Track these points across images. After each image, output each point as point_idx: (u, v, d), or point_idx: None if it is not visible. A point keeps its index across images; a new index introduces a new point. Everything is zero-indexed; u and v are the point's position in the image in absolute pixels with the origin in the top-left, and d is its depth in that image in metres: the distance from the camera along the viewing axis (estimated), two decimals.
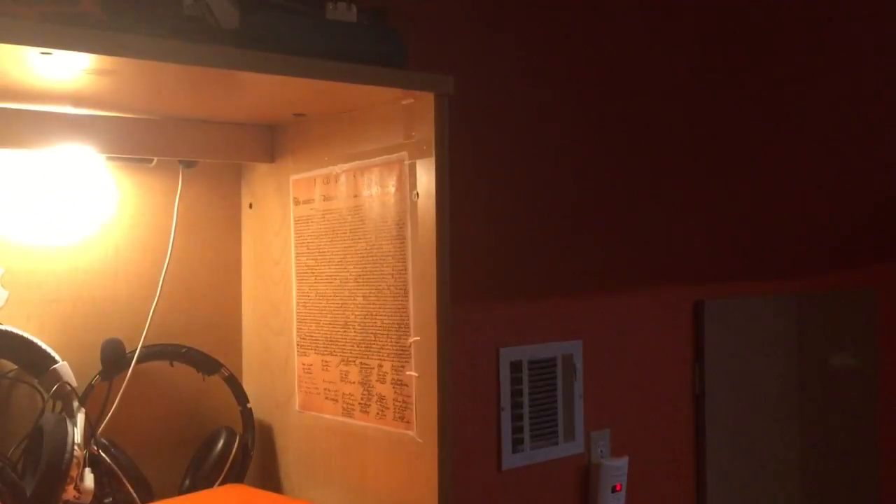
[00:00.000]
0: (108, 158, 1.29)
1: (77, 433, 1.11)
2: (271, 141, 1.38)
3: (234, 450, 1.30)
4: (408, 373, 1.16)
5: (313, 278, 1.30)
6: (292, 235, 1.34)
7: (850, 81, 2.52)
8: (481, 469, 1.73)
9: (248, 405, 1.36)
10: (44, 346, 1.17)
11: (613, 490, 1.90)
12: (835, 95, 2.49)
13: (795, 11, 2.38)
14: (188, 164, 1.36)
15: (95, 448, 1.19)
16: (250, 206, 1.43)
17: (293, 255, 1.34)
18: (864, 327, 2.58)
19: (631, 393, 1.99)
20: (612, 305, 1.96)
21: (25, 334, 1.17)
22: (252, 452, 1.34)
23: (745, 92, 2.26)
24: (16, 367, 1.19)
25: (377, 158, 1.19)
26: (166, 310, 1.35)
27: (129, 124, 1.25)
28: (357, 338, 1.23)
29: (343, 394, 1.26)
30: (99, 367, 1.25)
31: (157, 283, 1.34)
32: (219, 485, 1.29)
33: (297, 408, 1.34)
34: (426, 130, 1.12)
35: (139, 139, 1.26)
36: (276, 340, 1.38)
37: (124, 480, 1.21)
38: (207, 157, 1.34)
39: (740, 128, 2.26)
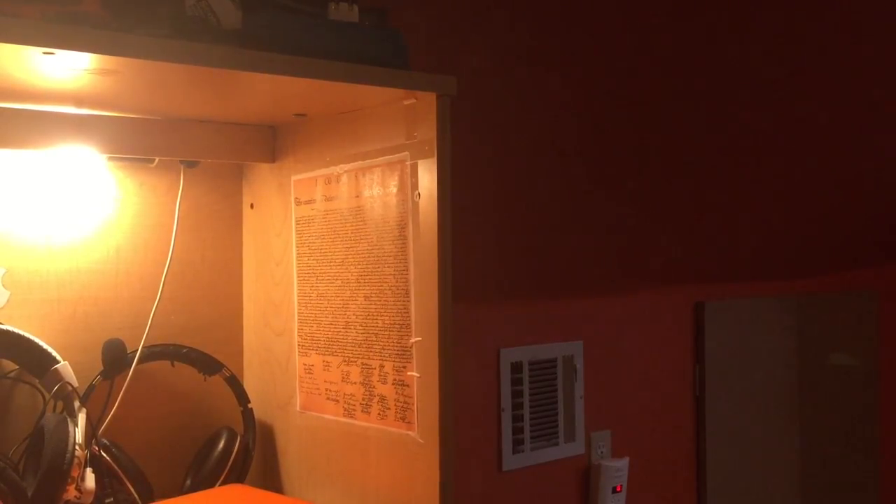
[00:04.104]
0: (110, 158, 1.29)
1: (78, 433, 1.11)
2: (273, 141, 1.38)
3: (235, 450, 1.30)
4: (409, 373, 1.16)
5: (314, 279, 1.30)
6: (293, 236, 1.34)
7: (852, 83, 2.52)
8: (482, 470, 1.73)
9: (249, 405, 1.36)
10: (45, 346, 1.17)
11: (614, 491, 1.90)
12: (836, 96, 2.49)
13: (800, 14, 2.38)
14: (190, 164, 1.36)
15: (97, 448, 1.19)
16: (252, 206, 1.43)
17: (294, 256, 1.34)
18: (864, 328, 2.58)
19: (631, 394, 1.99)
20: (613, 306, 1.96)
21: (26, 334, 1.17)
22: (253, 453, 1.34)
23: (747, 94, 2.26)
24: (17, 367, 1.19)
25: (379, 159, 1.19)
26: (167, 310, 1.35)
27: (131, 124, 1.25)
28: (358, 338, 1.23)
29: (344, 394, 1.26)
30: (100, 367, 1.25)
31: (159, 283, 1.34)
32: (220, 485, 1.29)
33: (298, 408, 1.34)
34: (428, 131, 1.12)
35: (141, 139, 1.26)
36: (277, 341, 1.38)
37: (125, 480, 1.21)
38: (209, 157, 1.34)
39: (741, 129, 2.26)
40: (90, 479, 1.12)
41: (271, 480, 1.38)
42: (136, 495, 1.22)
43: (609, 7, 1.95)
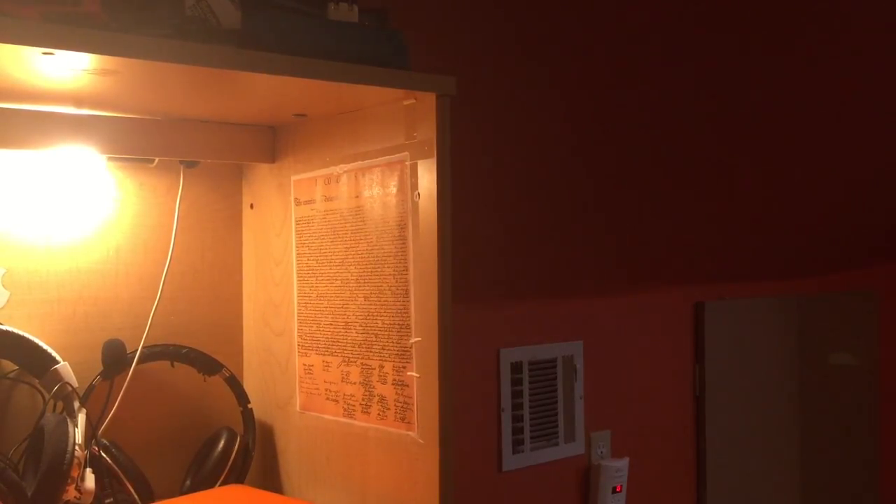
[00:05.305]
0: (110, 159, 1.29)
1: (78, 433, 1.11)
2: (272, 141, 1.38)
3: (234, 450, 1.30)
4: (409, 373, 1.16)
5: (314, 279, 1.30)
6: (293, 236, 1.34)
7: (852, 83, 2.52)
8: (482, 470, 1.73)
9: (249, 406, 1.36)
10: (45, 346, 1.17)
11: (614, 491, 1.90)
12: (836, 97, 2.49)
13: (800, 15, 2.38)
14: (189, 165, 1.36)
15: (96, 448, 1.19)
16: (251, 206, 1.43)
17: (294, 256, 1.34)
18: (864, 327, 2.58)
19: (631, 394, 1.99)
20: (613, 306, 1.96)
21: (26, 334, 1.17)
22: (253, 453, 1.34)
23: (746, 93, 2.26)
24: (17, 367, 1.19)
25: (379, 159, 1.19)
26: (167, 310, 1.35)
27: (131, 124, 1.25)
28: (358, 338, 1.23)
29: (344, 394, 1.26)
30: (100, 367, 1.25)
31: (159, 283, 1.34)
32: (219, 485, 1.29)
33: (297, 408, 1.34)
34: (428, 131, 1.12)
35: (140, 139, 1.26)
36: (277, 341, 1.38)
37: (125, 481, 1.21)
38: (209, 157, 1.34)
39: (741, 129, 2.26)
40: (90, 480, 1.12)
41: (271, 480, 1.38)
42: (135, 495, 1.22)
43: (610, 7, 1.95)
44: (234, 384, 1.35)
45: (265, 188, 1.40)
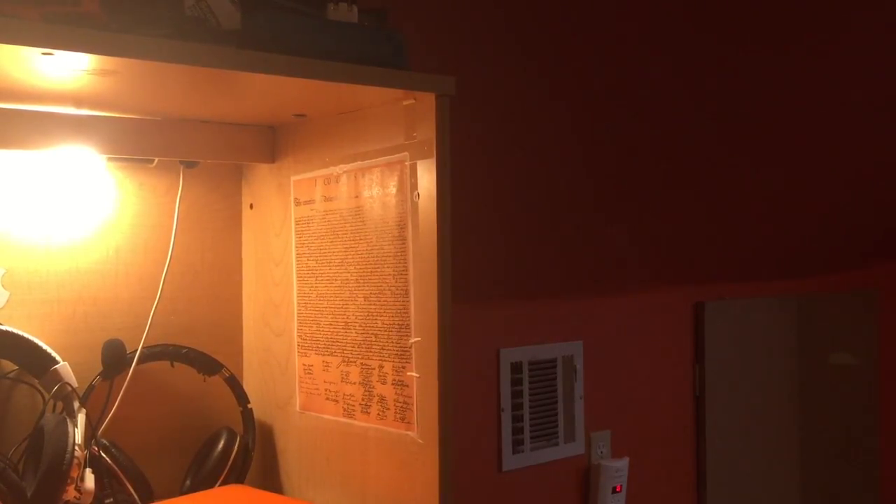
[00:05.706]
0: (110, 159, 1.29)
1: (78, 434, 1.11)
2: (272, 141, 1.39)
3: (234, 450, 1.30)
4: (409, 373, 1.16)
5: (314, 279, 1.30)
6: (293, 236, 1.34)
7: (852, 83, 2.52)
8: (482, 470, 1.73)
9: (249, 406, 1.36)
10: (44, 346, 1.17)
11: (614, 491, 1.90)
12: (837, 96, 2.49)
13: (800, 15, 2.38)
14: (189, 165, 1.36)
15: (96, 448, 1.19)
16: (251, 206, 1.43)
17: (294, 256, 1.34)
18: (864, 327, 2.58)
19: (631, 394, 1.99)
20: (613, 306, 1.96)
21: (26, 335, 1.17)
22: (253, 453, 1.34)
23: (746, 93, 2.26)
24: (16, 367, 1.19)
25: (378, 159, 1.19)
26: (167, 310, 1.35)
27: (131, 125, 1.25)
28: (358, 338, 1.23)
29: (344, 394, 1.26)
30: (100, 367, 1.25)
31: (158, 283, 1.34)
32: (219, 485, 1.29)
33: (297, 408, 1.34)
34: (427, 131, 1.12)
35: (140, 140, 1.26)
36: (276, 341, 1.38)
37: (125, 481, 1.21)
38: (208, 157, 1.34)
39: (742, 129, 2.26)
40: (90, 480, 1.12)
41: (271, 480, 1.38)
42: (135, 495, 1.22)
43: (609, 7, 1.95)
44: (234, 384, 1.35)
45: (265, 188, 1.40)
